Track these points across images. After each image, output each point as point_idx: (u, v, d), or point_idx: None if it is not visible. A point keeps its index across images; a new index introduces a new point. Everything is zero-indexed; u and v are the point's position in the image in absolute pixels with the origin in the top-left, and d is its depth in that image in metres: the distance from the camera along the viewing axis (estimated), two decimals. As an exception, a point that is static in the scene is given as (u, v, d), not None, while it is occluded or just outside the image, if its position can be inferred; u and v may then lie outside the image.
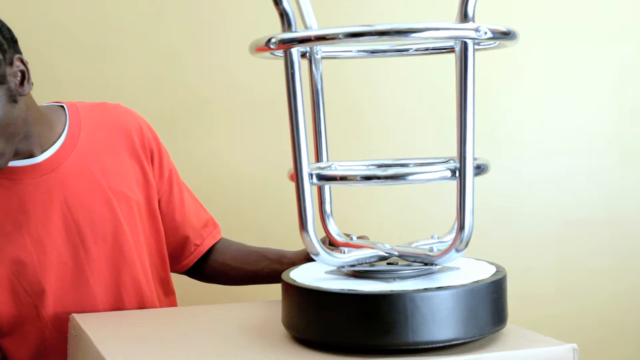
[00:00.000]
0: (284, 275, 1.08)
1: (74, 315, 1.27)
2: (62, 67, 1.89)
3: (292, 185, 1.00)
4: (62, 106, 1.40)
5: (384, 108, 2.10)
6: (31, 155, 1.32)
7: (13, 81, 1.24)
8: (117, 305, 1.37)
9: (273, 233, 1.95)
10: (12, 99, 1.24)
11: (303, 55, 1.12)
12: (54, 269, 1.33)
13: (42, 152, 1.33)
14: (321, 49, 1.13)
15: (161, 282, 1.46)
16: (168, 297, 1.48)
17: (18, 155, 1.30)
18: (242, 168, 1.97)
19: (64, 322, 1.30)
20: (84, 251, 1.34)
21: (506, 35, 0.96)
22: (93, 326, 1.18)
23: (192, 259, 1.51)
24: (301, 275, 1.08)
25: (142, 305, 1.39)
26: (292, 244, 1.50)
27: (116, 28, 1.91)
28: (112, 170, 1.38)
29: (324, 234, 1.14)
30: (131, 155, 1.41)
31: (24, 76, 1.26)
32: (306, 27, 1.12)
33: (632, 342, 2.24)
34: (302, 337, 1.03)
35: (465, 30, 0.92)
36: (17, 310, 1.33)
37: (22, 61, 1.27)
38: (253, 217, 1.83)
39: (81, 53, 1.90)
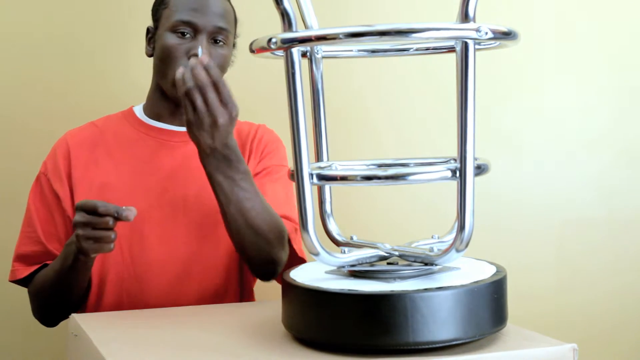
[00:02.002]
0: (284, 275, 1.09)
1: (74, 315, 1.27)
2: (63, 66, 1.89)
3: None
4: None
5: (385, 107, 2.10)
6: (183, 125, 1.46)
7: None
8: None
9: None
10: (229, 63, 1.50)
11: (303, 54, 1.12)
12: (154, 218, 1.44)
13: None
14: (322, 49, 1.13)
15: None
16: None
17: (174, 119, 1.51)
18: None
19: (141, 272, 1.43)
20: (182, 212, 1.45)
21: (507, 35, 0.96)
22: (93, 326, 1.18)
23: None
24: (301, 275, 1.08)
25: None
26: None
27: (117, 28, 1.91)
28: None
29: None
30: (248, 161, 1.50)
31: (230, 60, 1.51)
32: (307, 27, 1.12)
33: (632, 340, 2.24)
34: (302, 337, 1.03)
35: (466, 31, 0.92)
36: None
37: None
38: (253, 217, 1.83)
39: (82, 53, 1.90)
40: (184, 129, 1.48)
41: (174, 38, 1.42)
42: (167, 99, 1.49)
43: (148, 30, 1.52)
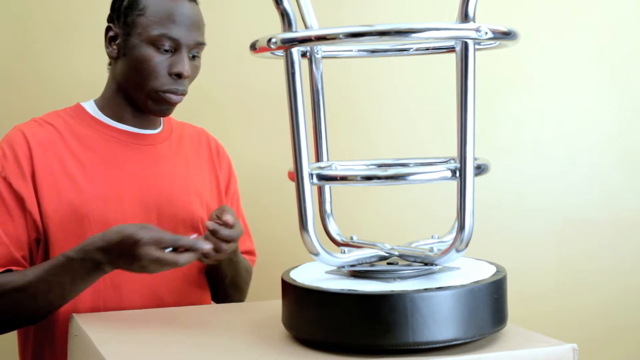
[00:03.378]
0: (284, 275, 1.08)
1: (74, 315, 1.27)
2: (64, 66, 1.89)
3: (292, 185, 1.00)
4: None
5: (385, 107, 2.10)
6: (145, 128, 1.49)
7: None
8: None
9: (273, 233, 1.95)
10: None
11: (303, 54, 1.12)
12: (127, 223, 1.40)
13: (150, 129, 1.49)
14: (321, 49, 1.13)
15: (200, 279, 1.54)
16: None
17: (143, 124, 1.48)
18: (241, 167, 1.97)
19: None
20: (155, 216, 1.43)
21: (507, 35, 0.96)
22: (93, 326, 1.18)
23: None
24: (301, 275, 1.08)
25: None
26: (292, 243, 1.50)
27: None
28: (195, 169, 1.52)
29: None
30: (211, 167, 1.55)
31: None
32: (306, 27, 1.12)
33: (632, 341, 2.24)
34: (302, 337, 1.03)
35: (466, 31, 0.92)
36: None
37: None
38: (253, 217, 1.83)
39: (83, 52, 1.90)
40: (149, 131, 1.49)
41: (153, 52, 1.38)
42: (131, 102, 1.44)
43: (109, 28, 1.43)
